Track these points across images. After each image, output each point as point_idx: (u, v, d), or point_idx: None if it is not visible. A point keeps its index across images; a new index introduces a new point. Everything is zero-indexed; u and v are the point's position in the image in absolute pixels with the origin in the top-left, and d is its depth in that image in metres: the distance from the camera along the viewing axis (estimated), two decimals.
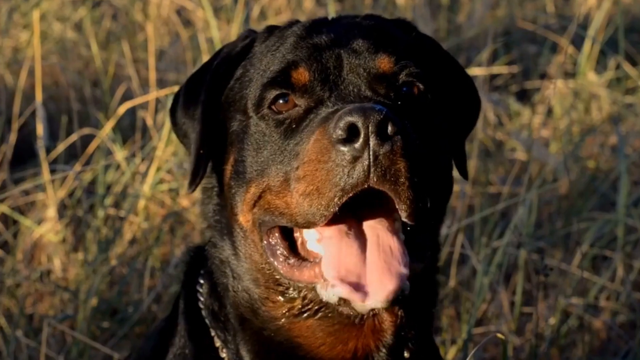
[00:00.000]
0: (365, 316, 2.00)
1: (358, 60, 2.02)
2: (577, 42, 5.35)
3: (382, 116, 1.82)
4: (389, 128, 1.83)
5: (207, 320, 2.18)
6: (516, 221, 3.62)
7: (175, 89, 2.55)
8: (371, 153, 1.82)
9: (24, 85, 4.42)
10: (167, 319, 2.35)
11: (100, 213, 3.88)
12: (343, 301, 1.89)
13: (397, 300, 1.88)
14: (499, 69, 5.15)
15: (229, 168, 2.11)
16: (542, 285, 3.60)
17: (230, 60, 2.19)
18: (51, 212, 3.94)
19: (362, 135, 1.82)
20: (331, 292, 1.89)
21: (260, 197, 2.02)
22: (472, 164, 4.28)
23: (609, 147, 4.75)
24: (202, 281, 2.22)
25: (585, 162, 4.58)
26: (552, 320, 3.51)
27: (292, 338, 2.05)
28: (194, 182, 2.15)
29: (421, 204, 1.88)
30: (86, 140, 4.31)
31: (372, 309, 1.90)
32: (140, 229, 3.94)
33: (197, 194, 2.33)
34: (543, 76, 5.57)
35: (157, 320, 2.82)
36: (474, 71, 4.94)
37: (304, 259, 1.98)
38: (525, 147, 4.54)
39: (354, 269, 1.88)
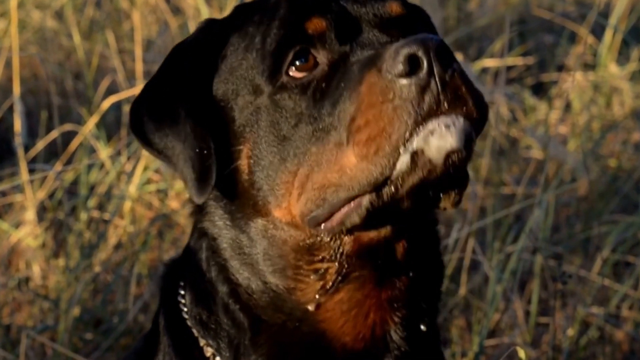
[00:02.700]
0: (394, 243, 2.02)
1: (366, 8, 2.05)
2: (598, 31, 5.35)
3: (439, 42, 1.88)
4: (446, 54, 1.88)
5: (194, 331, 2.18)
6: (531, 224, 3.63)
7: None
8: (438, 80, 1.86)
9: (1, 78, 4.42)
10: (146, 338, 2.35)
11: (83, 216, 3.88)
12: (415, 156, 1.86)
13: (471, 141, 1.90)
14: (513, 60, 5.16)
15: (244, 163, 2.07)
16: (559, 293, 3.60)
17: (200, 49, 2.14)
18: (30, 214, 3.94)
19: (425, 64, 1.86)
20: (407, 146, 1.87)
21: (305, 181, 1.98)
22: (485, 163, 4.29)
23: (632, 144, 4.76)
24: (183, 292, 2.22)
25: (606, 161, 4.59)
26: (571, 332, 3.52)
27: (317, 325, 2.08)
28: (204, 187, 2.06)
29: (485, 116, 1.95)
30: (68, 137, 4.31)
31: (450, 152, 1.87)
32: (126, 232, 3.94)
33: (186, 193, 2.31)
34: (561, 68, 5.57)
35: (145, 331, 2.82)
36: (486, 63, 4.95)
37: None
38: (542, 145, 4.55)
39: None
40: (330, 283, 2.06)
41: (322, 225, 1.99)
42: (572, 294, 3.77)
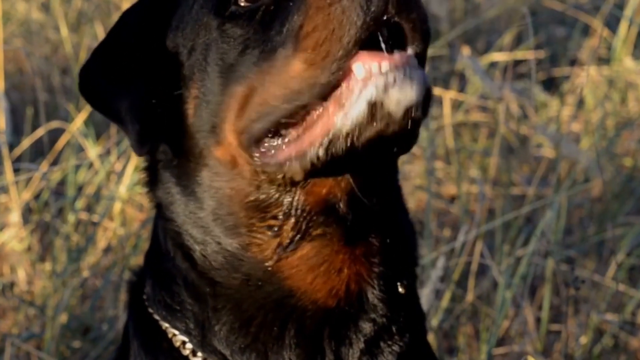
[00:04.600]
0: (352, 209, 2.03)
1: None
2: (612, 23, 5.36)
3: None
4: None
5: (162, 323, 2.21)
6: (543, 227, 3.63)
7: None
8: None
9: None
10: (118, 349, 2.39)
11: (71, 218, 3.89)
12: (373, 107, 1.89)
13: (427, 102, 1.93)
14: (523, 54, 5.16)
15: (190, 106, 2.12)
16: (572, 299, 3.61)
17: (149, 6, 2.21)
18: (15, 216, 3.94)
19: None
20: (362, 96, 1.90)
21: (247, 100, 2.02)
22: (493, 162, 4.29)
23: None
24: (146, 289, 2.26)
25: (621, 160, 4.59)
26: (584, 339, 3.52)
27: (281, 282, 2.09)
28: (146, 137, 2.11)
29: (429, 37, 1.99)
30: (54, 135, 4.32)
31: (409, 106, 1.90)
32: (115, 235, 3.95)
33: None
34: (573, 62, 5.58)
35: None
36: (495, 57, 4.95)
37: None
38: (553, 143, 4.55)
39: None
40: (288, 240, 2.07)
41: (268, 155, 2.00)
42: (585, 299, 3.77)
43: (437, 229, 4.24)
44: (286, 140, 2.00)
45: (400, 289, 2.17)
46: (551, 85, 5.46)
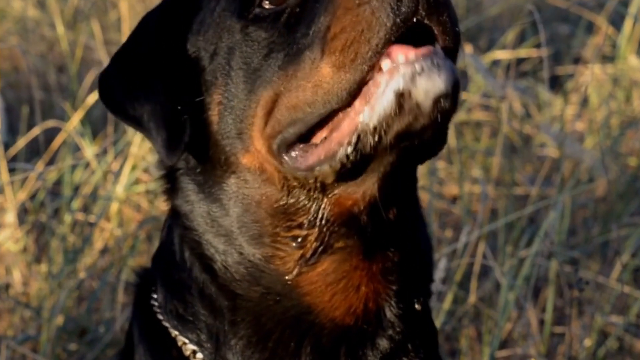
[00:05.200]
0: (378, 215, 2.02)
1: None
2: (617, 21, 5.36)
3: None
4: None
5: (171, 331, 2.21)
6: (546, 227, 3.63)
7: None
8: None
9: None
10: (120, 352, 2.38)
11: (67, 218, 3.89)
12: (400, 98, 1.87)
13: (456, 94, 1.90)
14: (527, 52, 5.16)
15: (214, 112, 2.10)
16: (576, 301, 3.61)
17: (169, 10, 2.20)
18: (10, 217, 3.94)
19: None
20: (389, 87, 1.87)
21: (274, 106, 2.00)
22: (496, 162, 4.29)
23: None
24: (156, 294, 2.25)
25: (625, 160, 4.59)
26: (588, 342, 3.52)
27: (300, 298, 2.09)
28: (175, 146, 2.09)
29: (460, 39, 1.98)
30: (50, 134, 4.31)
31: (438, 97, 1.88)
32: (112, 236, 3.95)
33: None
34: (577, 60, 5.58)
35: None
36: (498, 55, 4.95)
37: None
38: (557, 142, 4.55)
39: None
40: (311, 252, 2.07)
41: (298, 160, 1.99)
42: (590, 301, 3.77)
43: (439, 230, 4.24)
44: (315, 142, 1.99)
45: (417, 306, 2.17)
46: (555, 83, 5.46)
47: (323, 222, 2.05)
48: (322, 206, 2.04)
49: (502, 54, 4.94)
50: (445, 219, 4.40)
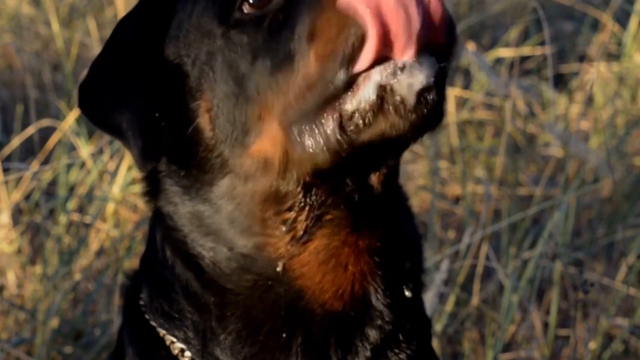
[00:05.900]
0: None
1: None
2: (622, 18, 5.35)
3: None
4: None
5: (159, 330, 2.22)
6: (550, 228, 3.63)
7: None
8: None
9: None
10: (112, 355, 2.39)
11: (62, 219, 3.88)
12: (382, 90, 1.89)
13: (444, 76, 1.93)
14: (531, 50, 5.16)
15: (204, 120, 2.11)
16: (580, 303, 3.60)
17: (145, 15, 2.19)
18: (4, 217, 3.94)
19: None
20: (372, 81, 1.90)
21: (272, 110, 2.02)
22: (499, 162, 4.29)
23: None
24: (142, 295, 2.27)
25: (631, 159, 4.59)
26: (593, 345, 3.52)
27: (293, 282, 2.11)
28: (151, 153, 2.11)
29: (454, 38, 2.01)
30: (45, 133, 4.31)
31: (425, 87, 1.90)
32: (108, 237, 3.94)
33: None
34: (582, 58, 5.57)
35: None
36: (501, 53, 4.95)
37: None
38: (561, 142, 4.54)
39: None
40: (302, 232, 2.09)
41: (308, 139, 1.99)
42: (595, 303, 3.77)
43: (441, 231, 4.24)
44: (314, 128, 2.00)
45: (406, 292, 2.18)
46: (559, 82, 5.46)
47: (314, 198, 2.07)
48: (314, 191, 2.06)
49: (505, 52, 4.93)
50: (447, 220, 4.40)
